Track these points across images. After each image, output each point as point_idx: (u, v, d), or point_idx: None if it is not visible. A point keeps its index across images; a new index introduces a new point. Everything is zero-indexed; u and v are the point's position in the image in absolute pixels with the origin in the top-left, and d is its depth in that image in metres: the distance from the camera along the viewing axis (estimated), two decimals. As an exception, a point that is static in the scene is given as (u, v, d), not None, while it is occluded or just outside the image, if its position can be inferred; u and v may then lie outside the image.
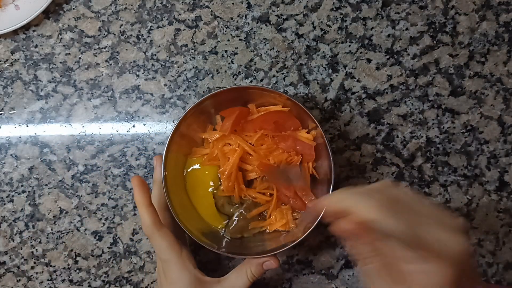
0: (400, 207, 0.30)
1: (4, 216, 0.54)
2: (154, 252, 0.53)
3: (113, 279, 0.54)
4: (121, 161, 0.54)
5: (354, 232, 0.30)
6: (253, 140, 0.48)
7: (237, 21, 0.55)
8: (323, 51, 0.55)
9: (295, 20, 0.55)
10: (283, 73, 0.54)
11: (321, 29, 0.55)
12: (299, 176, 0.47)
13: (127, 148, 0.54)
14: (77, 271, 0.54)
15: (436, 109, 0.54)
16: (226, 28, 0.55)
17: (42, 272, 0.54)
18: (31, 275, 0.54)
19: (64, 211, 0.54)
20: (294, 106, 0.47)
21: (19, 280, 0.54)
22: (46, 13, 0.55)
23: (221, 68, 0.55)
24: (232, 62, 0.55)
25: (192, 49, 0.55)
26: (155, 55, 0.55)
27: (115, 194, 0.54)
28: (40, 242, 0.54)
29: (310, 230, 0.43)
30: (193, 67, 0.55)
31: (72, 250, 0.54)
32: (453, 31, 0.55)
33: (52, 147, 0.54)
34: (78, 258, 0.54)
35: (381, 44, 0.55)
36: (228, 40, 0.55)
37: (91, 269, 0.54)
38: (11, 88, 0.55)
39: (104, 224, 0.54)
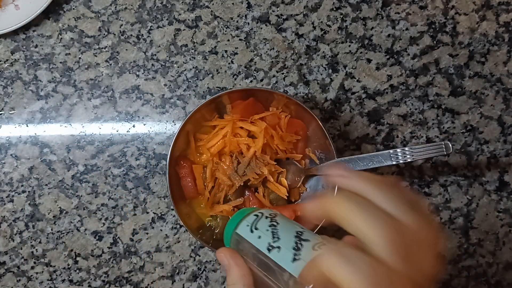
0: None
1: (4, 216, 0.54)
2: (155, 251, 0.54)
3: (113, 279, 0.54)
4: (121, 161, 0.54)
5: None
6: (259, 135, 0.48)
7: (237, 21, 0.55)
8: (323, 51, 0.55)
9: (295, 20, 0.55)
10: (283, 73, 0.54)
11: (321, 29, 0.55)
12: None
13: (127, 148, 0.54)
14: (77, 271, 0.54)
15: (436, 109, 0.54)
16: (226, 28, 0.55)
17: (42, 272, 0.54)
18: (31, 275, 0.54)
19: (64, 211, 0.54)
20: (298, 107, 0.47)
21: (19, 280, 0.54)
22: (46, 13, 0.55)
23: (221, 68, 0.55)
24: (232, 62, 0.55)
25: (192, 49, 0.55)
26: (155, 55, 0.55)
27: (115, 194, 0.54)
28: (40, 242, 0.54)
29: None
30: (193, 67, 0.55)
31: (72, 250, 0.54)
32: (453, 31, 0.55)
33: (52, 147, 0.54)
34: (78, 258, 0.54)
35: (381, 44, 0.55)
36: (228, 40, 0.55)
37: (91, 269, 0.54)
38: (11, 88, 0.55)
39: (104, 224, 0.54)
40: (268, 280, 0.29)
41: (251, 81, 0.55)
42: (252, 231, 0.31)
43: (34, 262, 0.54)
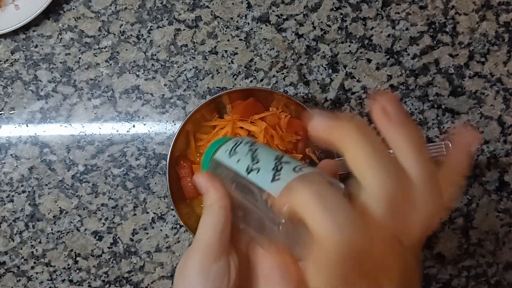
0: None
1: (4, 216, 0.54)
2: (155, 252, 0.54)
3: (113, 279, 0.54)
4: (121, 161, 0.54)
5: None
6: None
7: (237, 21, 0.55)
8: (323, 51, 0.55)
9: (295, 20, 0.55)
10: (283, 73, 0.54)
11: (321, 29, 0.55)
12: None
13: (127, 148, 0.54)
14: (77, 271, 0.54)
15: (436, 109, 0.54)
16: (226, 28, 0.55)
17: (42, 272, 0.54)
18: (31, 275, 0.54)
19: (64, 211, 0.54)
20: (298, 107, 0.47)
21: (19, 280, 0.54)
22: (46, 13, 0.55)
23: (221, 68, 0.55)
24: (232, 62, 0.55)
25: (192, 49, 0.55)
26: (155, 55, 0.55)
27: (115, 194, 0.54)
28: (40, 242, 0.54)
29: None
30: (193, 67, 0.55)
31: (72, 250, 0.54)
32: (453, 31, 0.55)
33: (52, 147, 0.54)
34: (78, 258, 0.54)
35: (381, 44, 0.55)
36: (228, 40, 0.55)
37: (91, 269, 0.54)
38: (11, 88, 0.55)
39: (104, 224, 0.54)
40: (246, 201, 0.28)
41: (251, 81, 0.55)
42: (230, 156, 0.30)
43: (34, 262, 0.54)
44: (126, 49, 0.55)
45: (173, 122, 0.54)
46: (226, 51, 0.55)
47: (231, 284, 0.28)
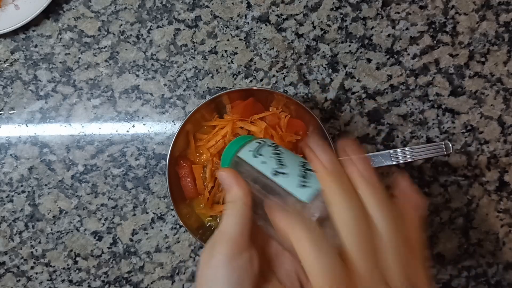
0: None
1: (4, 216, 0.54)
2: (154, 252, 0.54)
3: (113, 279, 0.54)
4: (120, 161, 0.54)
5: None
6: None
7: (237, 21, 0.55)
8: (323, 51, 0.54)
9: (295, 20, 0.55)
10: (283, 73, 0.54)
11: (321, 29, 0.55)
12: None
13: (126, 148, 0.54)
14: (77, 271, 0.54)
15: (436, 109, 0.54)
16: (226, 28, 0.55)
17: (42, 272, 0.54)
18: (31, 275, 0.54)
19: (64, 211, 0.54)
20: (298, 107, 0.47)
21: (19, 280, 0.54)
22: (46, 13, 0.55)
23: (221, 68, 0.55)
24: (232, 62, 0.55)
25: (192, 49, 0.55)
26: (155, 55, 0.55)
27: (114, 194, 0.54)
28: (40, 242, 0.54)
29: None
30: (193, 67, 0.55)
31: (72, 250, 0.54)
32: (453, 31, 0.55)
33: (52, 147, 0.54)
34: (77, 258, 0.54)
35: (381, 44, 0.55)
36: (228, 40, 0.55)
37: (91, 269, 0.54)
38: (11, 88, 0.55)
39: (103, 224, 0.54)
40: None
41: (251, 81, 0.55)
42: (256, 156, 0.32)
43: (34, 262, 0.54)
44: (126, 49, 0.55)
45: (172, 122, 0.54)
46: (226, 51, 0.55)
47: (253, 277, 0.30)
